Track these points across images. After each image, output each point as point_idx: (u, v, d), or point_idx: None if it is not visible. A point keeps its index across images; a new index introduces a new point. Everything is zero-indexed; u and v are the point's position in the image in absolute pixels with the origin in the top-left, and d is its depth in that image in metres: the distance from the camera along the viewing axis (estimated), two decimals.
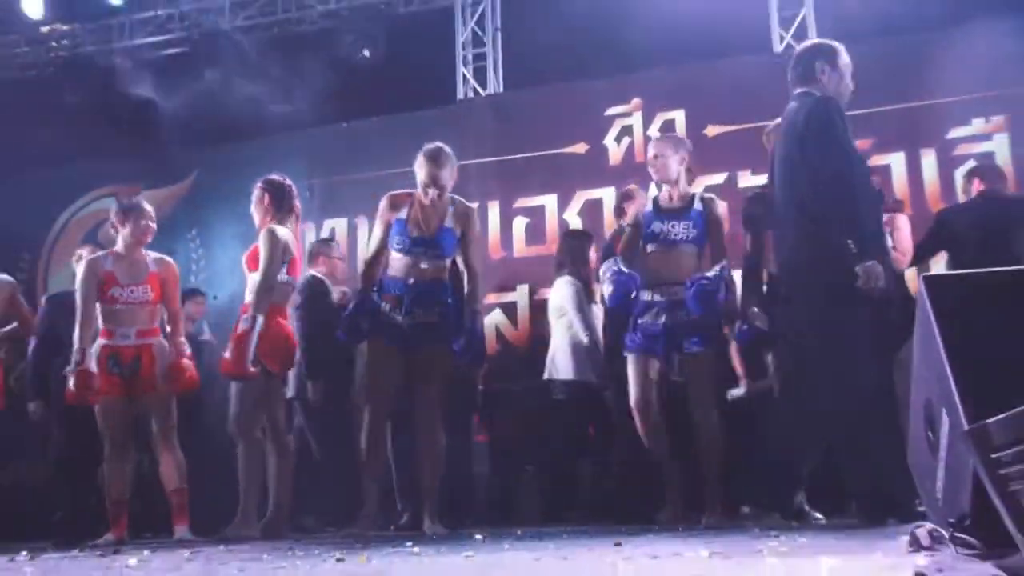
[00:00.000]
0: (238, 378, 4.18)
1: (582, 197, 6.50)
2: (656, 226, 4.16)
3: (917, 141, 5.83)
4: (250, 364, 4.05)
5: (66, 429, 4.91)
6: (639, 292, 4.14)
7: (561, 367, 4.96)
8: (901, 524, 2.69)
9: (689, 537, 2.94)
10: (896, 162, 5.83)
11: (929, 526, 1.86)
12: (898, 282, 4.18)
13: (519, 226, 6.61)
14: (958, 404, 1.56)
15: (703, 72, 6.47)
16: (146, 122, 7.12)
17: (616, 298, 4.19)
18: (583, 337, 4.87)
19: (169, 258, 4.53)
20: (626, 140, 6.46)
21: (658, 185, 4.31)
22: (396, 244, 4.10)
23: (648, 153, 4.33)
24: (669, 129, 6.18)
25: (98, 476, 4.48)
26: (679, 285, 4.05)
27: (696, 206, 4.17)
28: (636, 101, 6.52)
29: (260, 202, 4.31)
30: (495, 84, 7.21)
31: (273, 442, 4.29)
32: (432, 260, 4.08)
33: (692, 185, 4.31)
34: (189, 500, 4.22)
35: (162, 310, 4.39)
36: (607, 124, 6.56)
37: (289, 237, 4.26)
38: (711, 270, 4.04)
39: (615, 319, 4.55)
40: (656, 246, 4.16)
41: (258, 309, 4.10)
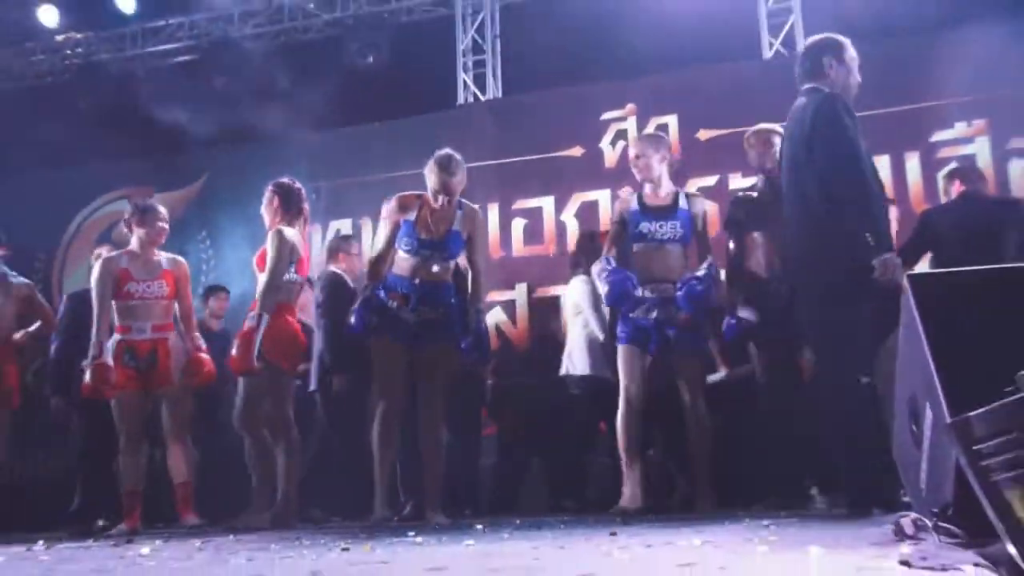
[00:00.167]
0: (243, 374, 4.23)
1: (578, 199, 6.61)
2: (644, 226, 4.24)
3: (901, 144, 5.94)
4: (255, 361, 4.09)
5: (86, 422, 5.01)
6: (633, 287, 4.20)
7: (577, 363, 5.06)
8: (886, 514, 2.67)
9: (682, 526, 2.95)
10: (881, 165, 5.88)
11: (913, 516, 1.90)
12: None
13: (518, 227, 6.71)
14: (941, 398, 1.58)
15: (695, 78, 6.58)
16: (158, 127, 7.20)
17: (614, 296, 4.23)
18: (599, 334, 4.96)
19: (181, 258, 4.64)
20: (621, 144, 6.53)
21: (642, 184, 4.40)
22: (404, 245, 4.13)
23: (630, 154, 4.45)
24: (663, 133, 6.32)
25: (114, 467, 4.59)
26: (669, 283, 4.16)
27: (682, 204, 4.26)
28: (631, 106, 6.64)
29: (270, 204, 4.37)
30: (494, 90, 7.34)
31: (281, 437, 4.30)
32: (440, 262, 4.14)
33: (686, 186, 4.39)
34: (200, 492, 4.32)
35: (175, 306, 4.49)
36: (603, 128, 6.67)
37: (297, 238, 4.30)
38: (699, 269, 4.15)
39: (616, 316, 4.59)
40: (643, 245, 4.26)
41: (264, 308, 4.15)
